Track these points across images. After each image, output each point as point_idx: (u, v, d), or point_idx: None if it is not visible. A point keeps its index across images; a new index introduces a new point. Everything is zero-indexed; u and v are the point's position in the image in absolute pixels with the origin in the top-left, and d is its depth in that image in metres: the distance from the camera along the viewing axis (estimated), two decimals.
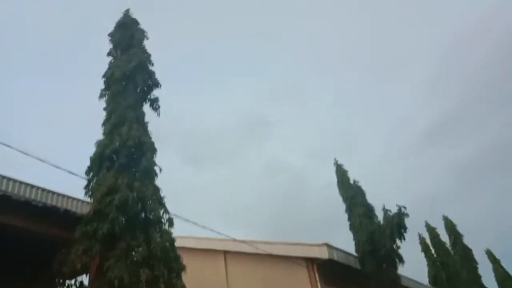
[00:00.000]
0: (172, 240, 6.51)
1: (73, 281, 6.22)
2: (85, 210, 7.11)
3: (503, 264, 38.15)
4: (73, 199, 7.61)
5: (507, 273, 37.64)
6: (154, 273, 5.84)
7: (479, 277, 27.41)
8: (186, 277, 8.84)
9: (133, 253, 6.04)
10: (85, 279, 6.53)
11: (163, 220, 6.74)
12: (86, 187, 7.48)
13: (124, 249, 5.84)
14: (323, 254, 14.09)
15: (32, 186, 7.06)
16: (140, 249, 6.09)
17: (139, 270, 5.66)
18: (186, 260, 9.27)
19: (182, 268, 6.38)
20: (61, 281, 6.01)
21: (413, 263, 22.76)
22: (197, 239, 16.92)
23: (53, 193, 7.40)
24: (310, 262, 14.41)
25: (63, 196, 7.54)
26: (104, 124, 8.42)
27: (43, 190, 7.28)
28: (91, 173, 7.59)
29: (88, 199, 7.37)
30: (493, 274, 37.14)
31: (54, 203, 7.26)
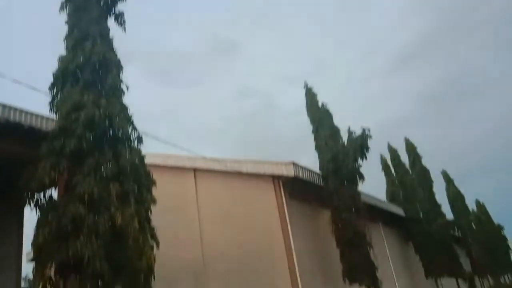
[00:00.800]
0: (141, 157, 6.58)
1: (41, 195, 6.28)
2: (50, 127, 6.97)
3: (456, 183, 41.30)
4: (37, 115, 7.41)
5: (458, 191, 40.87)
6: (124, 188, 5.94)
7: (433, 194, 29.59)
8: (156, 194, 9.08)
9: (102, 169, 6.09)
10: (53, 194, 6.60)
11: (131, 138, 6.72)
12: (51, 103, 7.27)
13: (93, 165, 5.88)
14: (289, 172, 14.70)
15: None
16: (109, 165, 6.13)
17: (109, 185, 5.75)
18: (155, 177, 9.45)
19: (153, 183, 6.54)
20: (29, 195, 6.06)
21: (373, 182, 24.17)
22: (167, 156, 17.17)
23: (16, 109, 7.17)
24: (277, 179, 15.05)
25: (26, 112, 7.32)
26: (66, 39, 7.99)
27: (5, 106, 7.03)
28: (55, 89, 7.36)
29: (53, 116, 7.22)
30: (445, 193, 40.31)
31: (17, 119, 7.07)
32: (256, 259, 14.57)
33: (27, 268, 11.53)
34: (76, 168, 5.98)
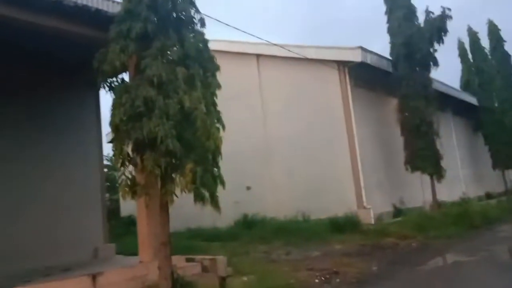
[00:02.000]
0: (205, 41, 6.46)
1: (114, 78, 6.54)
2: (116, 9, 6.99)
3: None
4: None
5: None
6: (190, 72, 5.99)
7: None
8: (220, 79, 9.14)
9: (168, 52, 6.12)
10: (125, 77, 6.85)
11: (194, 20, 6.56)
12: None
13: (159, 48, 5.90)
14: (356, 57, 14.05)
15: None
16: (175, 48, 6.13)
17: (176, 68, 5.81)
18: (219, 63, 9.43)
19: (217, 68, 6.49)
20: (103, 77, 6.33)
21: (448, 70, 22.55)
22: (230, 42, 16.93)
23: None
24: (342, 65, 14.51)
25: None
26: None
27: None
28: None
29: None
30: None
31: (84, 2, 7.14)
32: (318, 145, 14.85)
33: (107, 149, 12.74)
34: (143, 52, 6.04)
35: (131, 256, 8.20)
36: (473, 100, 23.40)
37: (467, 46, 25.31)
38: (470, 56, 25.08)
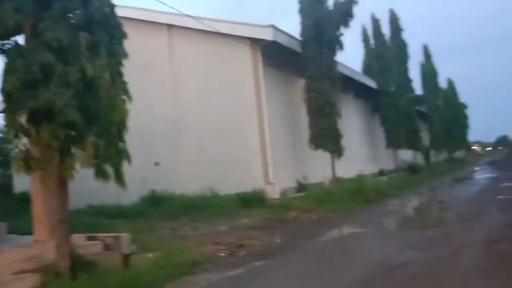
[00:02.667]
0: (111, 5, 6.04)
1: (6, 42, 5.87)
2: None
3: (433, 61, 41.46)
4: None
5: (433, 68, 41.23)
6: (94, 38, 5.59)
7: (407, 69, 29.89)
8: (127, 48, 8.65)
9: (70, 15, 5.63)
10: (19, 40, 6.18)
11: None
12: None
13: (60, 10, 5.40)
14: (268, 35, 14.22)
15: None
16: (78, 12, 5.66)
17: (78, 33, 5.37)
18: (127, 30, 8.89)
19: (124, 35, 6.14)
20: None
21: (351, 54, 23.90)
22: (139, 9, 16.07)
23: None
24: (255, 42, 14.62)
25: None
26: None
27: None
28: None
29: None
30: (420, 69, 40.62)
31: None
32: (229, 122, 14.94)
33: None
34: (42, 13, 5.48)
35: (26, 236, 7.59)
36: (372, 84, 25.17)
37: (370, 32, 26.98)
38: (372, 41, 26.78)
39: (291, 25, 16.37)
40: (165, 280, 5.78)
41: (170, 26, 16.16)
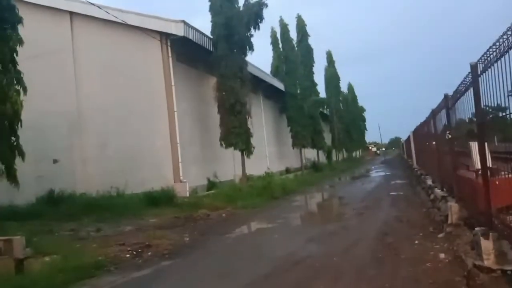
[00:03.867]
0: None
1: None
2: None
3: (336, 66, 44.44)
4: None
5: (335, 73, 44.15)
6: None
7: (312, 73, 31.61)
8: (23, 34, 7.88)
9: None
10: None
11: None
12: None
13: None
14: (179, 30, 13.99)
15: None
16: None
17: None
18: (24, 15, 8.09)
19: (18, 19, 5.63)
20: None
21: (261, 56, 24.53)
22: None
23: None
24: (165, 37, 14.29)
25: None
26: None
27: None
28: None
29: None
30: (324, 73, 43.22)
31: None
32: (137, 118, 14.41)
33: None
34: None
35: None
36: (280, 85, 26.06)
37: (279, 35, 27.84)
38: (280, 45, 27.69)
39: (203, 22, 16.27)
40: (63, 286, 5.40)
41: (73, 13, 15.12)
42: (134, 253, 7.18)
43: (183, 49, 14.99)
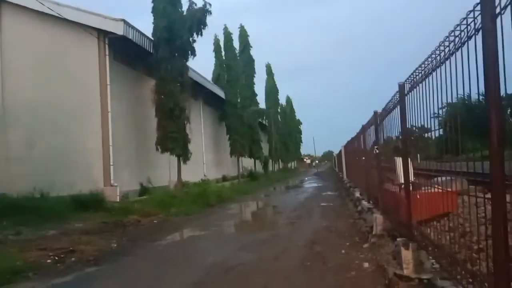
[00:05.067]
0: None
1: None
2: None
3: (275, 78, 45.57)
4: None
5: (275, 85, 45.20)
6: None
7: (253, 84, 32.07)
8: None
9: None
10: None
11: None
12: None
13: None
14: (119, 29, 13.57)
15: None
16: None
17: None
18: None
19: None
20: None
21: (203, 62, 24.48)
22: None
23: None
24: (103, 34, 13.78)
25: None
26: None
27: None
28: None
29: None
30: (264, 84, 44.12)
31: None
32: (67, 116, 13.70)
33: None
34: None
35: None
36: (221, 93, 26.11)
37: (222, 44, 27.95)
38: (223, 53, 27.81)
39: (145, 23, 15.89)
40: None
41: (2, 1, 14.12)
42: (56, 258, 6.77)
43: (122, 49, 14.55)
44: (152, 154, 15.90)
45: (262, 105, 38.87)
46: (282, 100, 52.70)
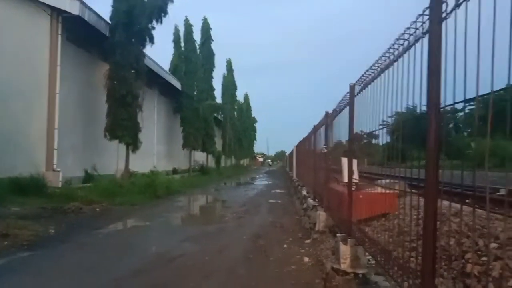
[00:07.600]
0: None
1: None
2: None
3: (234, 74, 45.55)
4: None
5: (233, 81, 45.17)
6: None
7: (211, 78, 31.82)
8: None
9: None
10: None
11: None
12: None
13: None
14: (74, 9, 13.01)
15: None
16: None
17: None
18: None
19: None
20: None
21: (161, 52, 23.98)
22: None
23: None
24: (57, 13, 13.15)
25: None
26: None
27: None
28: None
29: None
30: (221, 80, 43.92)
31: None
32: (11, 96, 12.92)
33: None
34: None
35: None
36: (178, 84, 25.69)
37: (182, 35, 27.52)
38: (182, 44, 27.39)
39: (103, 6, 15.33)
40: None
41: None
42: None
43: (77, 30, 13.97)
44: (100, 141, 15.38)
45: (219, 100, 38.72)
46: (240, 97, 52.74)
